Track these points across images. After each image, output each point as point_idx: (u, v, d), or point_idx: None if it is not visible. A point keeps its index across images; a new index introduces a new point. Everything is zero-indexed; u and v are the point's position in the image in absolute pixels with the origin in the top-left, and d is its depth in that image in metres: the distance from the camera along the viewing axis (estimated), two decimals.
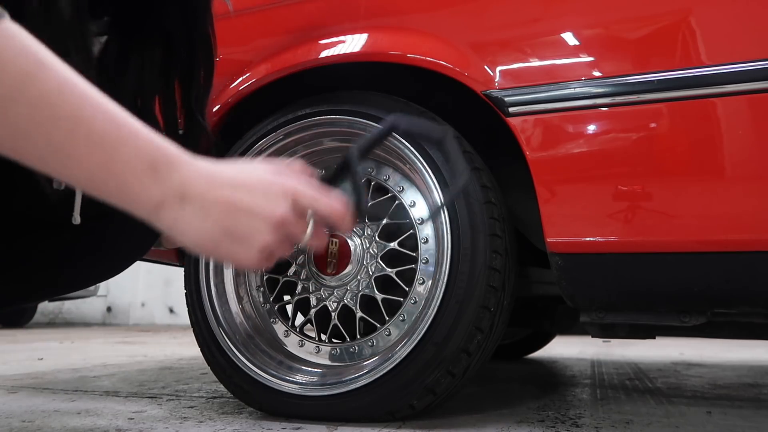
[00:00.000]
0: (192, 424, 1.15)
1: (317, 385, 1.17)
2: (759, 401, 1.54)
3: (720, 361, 2.64)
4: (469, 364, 1.11)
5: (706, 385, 1.82)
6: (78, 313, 7.16)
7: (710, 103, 0.96)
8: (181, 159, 0.50)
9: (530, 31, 1.09)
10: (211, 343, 1.27)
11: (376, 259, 1.23)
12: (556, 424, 1.16)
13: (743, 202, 0.95)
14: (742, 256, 0.96)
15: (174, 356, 2.70)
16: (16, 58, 0.44)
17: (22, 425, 1.16)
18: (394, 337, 1.19)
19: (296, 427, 1.11)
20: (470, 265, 1.09)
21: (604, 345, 3.46)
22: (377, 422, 1.12)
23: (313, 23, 1.28)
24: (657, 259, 1.01)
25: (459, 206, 1.11)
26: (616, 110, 1.02)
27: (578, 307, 1.17)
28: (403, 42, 1.18)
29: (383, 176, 1.26)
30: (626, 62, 1.02)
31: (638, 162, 1.00)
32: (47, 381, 1.80)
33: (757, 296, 1.02)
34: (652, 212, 0.99)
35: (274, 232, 0.52)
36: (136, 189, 0.48)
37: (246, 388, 1.22)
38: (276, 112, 1.30)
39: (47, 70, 0.46)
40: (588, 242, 1.03)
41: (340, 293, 1.25)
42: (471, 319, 1.08)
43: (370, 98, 1.23)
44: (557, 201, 1.05)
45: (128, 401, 1.42)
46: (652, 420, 1.24)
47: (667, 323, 1.13)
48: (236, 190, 0.51)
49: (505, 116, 1.08)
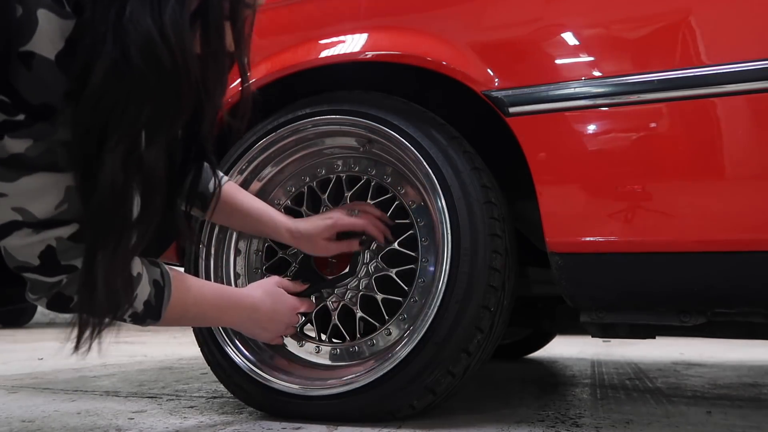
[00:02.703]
0: (192, 424, 1.15)
1: (317, 385, 1.17)
2: (759, 401, 1.54)
3: (720, 361, 2.64)
4: (469, 364, 1.11)
5: (706, 385, 1.82)
6: None
7: (710, 103, 0.96)
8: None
9: (530, 31, 1.09)
10: (210, 342, 1.27)
11: (376, 259, 1.23)
12: (556, 424, 1.16)
13: (743, 201, 0.95)
14: (742, 256, 0.96)
15: (174, 356, 2.70)
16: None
17: (22, 425, 1.16)
18: (394, 336, 1.19)
19: (296, 427, 1.11)
20: (470, 265, 1.09)
21: (604, 345, 3.46)
22: (377, 422, 1.12)
23: (313, 23, 1.28)
24: (657, 259, 1.01)
25: (459, 206, 1.11)
26: (616, 110, 1.02)
27: (578, 307, 1.17)
28: (403, 42, 1.18)
29: (383, 176, 1.26)
30: (626, 62, 1.02)
31: (638, 162, 1.00)
32: (47, 381, 1.80)
33: (757, 296, 1.02)
34: (651, 212, 0.99)
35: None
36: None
37: (246, 388, 1.22)
38: (276, 112, 1.30)
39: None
40: (588, 242, 1.03)
41: (340, 293, 1.25)
42: (471, 319, 1.08)
43: (371, 98, 1.23)
44: (557, 201, 1.05)
45: (128, 401, 1.42)
46: (652, 420, 1.24)
47: (667, 323, 1.13)
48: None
49: (505, 116, 1.08)
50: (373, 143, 1.25)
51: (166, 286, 0.91)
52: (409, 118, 1.19)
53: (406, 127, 1.17)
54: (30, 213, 0.73)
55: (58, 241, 0.75)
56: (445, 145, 1.15)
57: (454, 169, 1.13)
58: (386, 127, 1.19)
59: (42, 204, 0.73)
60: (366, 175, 1.28)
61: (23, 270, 0.77)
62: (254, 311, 1.10)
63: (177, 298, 0.92)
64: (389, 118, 1.19)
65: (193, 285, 0.98)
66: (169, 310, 0.91)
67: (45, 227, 0.74)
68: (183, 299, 0.94)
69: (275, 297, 1.14)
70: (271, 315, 1.13)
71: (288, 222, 1.20)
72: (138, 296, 0.86)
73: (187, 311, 0.97)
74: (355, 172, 1.30)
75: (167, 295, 0.90)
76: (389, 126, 1.19)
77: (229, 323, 1.14)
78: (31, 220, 0.73)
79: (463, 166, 1.14)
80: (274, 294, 1.14)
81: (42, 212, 0.73)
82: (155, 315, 0.90)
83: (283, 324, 1.16)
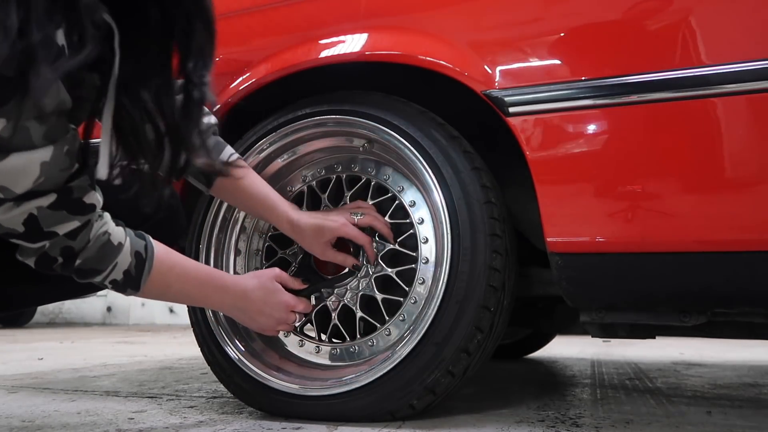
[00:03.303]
0: (192, 424, 1.15)
1: (317, 385, 1.17)
2: (759, 401, 1.54)
3: (720, 361, 2.64)
4: (469, 363, 1.11)
5: (706, 385, 1.82)
6: (78, 313, 7.16)
7: (710, 103, 0.96)
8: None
9: (530, 31, 1.09)
10: (211, 342, 1.27)
11: (376, 259, 1.23)
12: (556, 424, 1.16)
13: (743, 201, 0.95)
14: (742, 256, 0.96)
15: (174, 356, 2.70)
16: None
17: (22, 425, 1.16)
18: (394, 336, 1.19)
19: (296, 427, 1.11)
20: (470, 264, 1.09)
21: (604, 345, 3.46)
22: (377, 422, 1.12)
23: (313, 23, 1.28)
24: (657, 259, 1.01)
25: (459, 206, 1.11)
26: (617, 110, 1.02)
27: (578, 307, 1.17)
28: (403, 42, 1.18)
29: (383, 176, 1.26)
30: (626, 62, 1.02)
31: (638, 162, 1.00)
32: (47, 381, 1.80)
33: (757, 296, 1.02)
34: (651, 212, 0.99)
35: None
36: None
37: (246, 388, 1.22)
38: (276, 112, 1.30)
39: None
40: (588, 242, 1.03)
41: (340, 293, 1.25)
42: (471, 319, 1.08)
43: (370, 98, 1.23)
44: (557, 201, 1.05)
45: (128, 401, 1.42)
46: (652, 420, 1.24)
47: (667, 323, 1.13)
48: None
49: (505, 116, 1.08)
50: (373, 143, 1.25)
51: (148, 260, 0.95)
52: (409, 118, 1.19)
53: (406, 127, 1.18)
54: (10, 191, 0.77)
55: (39, 210, 0.80)
56: (445, 144, 1.15)
57: (454, 168, 1.13)
58: (386, 127, 1.19)
59: (21, 182, 0.76)
60: (366, 175, 1.28)
61: (10, 236, 0.83)
62: (242, 300, 1.10)
63: (159, 271, 0.96)
64: (389, 118, 1.19)
65: (179, 263, 1.01)
66: (150, 283, 0.95)
67: (25, 199, 0.78)
68: (165, 274, 0.98)
69: (269, 290, 1.13)
70: (260, 307, 1.12)
71: (291, 212, 1.18)
72: (118, 265, 0.91)
73: (170, 287, 1.00)
74: (355, 172, 1.30)
75: (147, 268, 0.94)
76: (389, 126, 1.19)
77: (215, 306, 1.17)
78: (10, 197, 0.77)
79: (463, 166, 1.14)
80: (269, 287, 1.13)
81: (21, 188, 0.77)
82: (134, 285, 0.94)
83: (274, 319, 1.14)
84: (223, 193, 1.18)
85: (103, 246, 0.89)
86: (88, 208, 0.86)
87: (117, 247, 0.91)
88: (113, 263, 0.91)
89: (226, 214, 1.33)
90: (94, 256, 0.89)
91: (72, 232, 0.85)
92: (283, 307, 1.14)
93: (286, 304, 1.14)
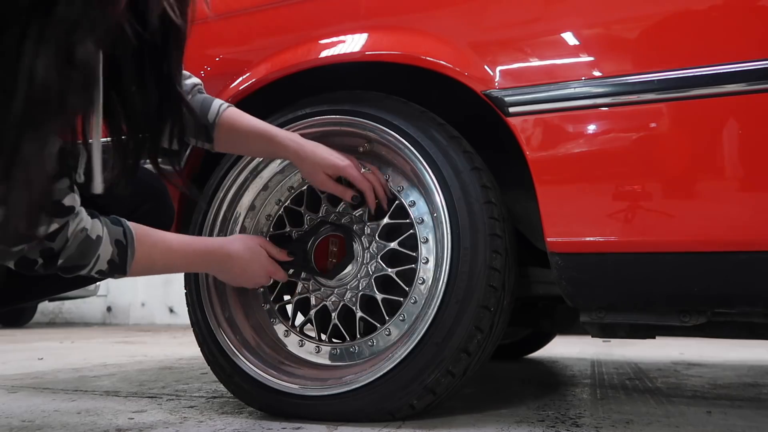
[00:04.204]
0: (192, 424, 1.15)
1: (317, 385, 1.17)
2: (759, 401, 1.54)
3: (720, 361, 2.64)
4: (469, 363, 1.11)
5: (706, 385, 1.82)
6: (78, 313, 7.17)
7: (710, 103, 0.96)
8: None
9: (530, 31, 1.10)
10: (211, 342, 1.27)
11: (376, 259, 1.23)
12: (556, 424, 1.16)
13: (743, 201, 0.95)
14: (742, 256, 0.96)
15: (174, 356, 2.70)
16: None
17: (22, 425, 1.16)
18: (394, 336, 1.19)
19: (296, 427, 1.11)
20: (470, 264, 1.09)
21: (604, 345, 3.46)
22: (377, 422, 1.12)
23: (313, 23, 1.28)
24: (657, 259, 1.01)
25: (459, 206, 1.11)
26: (616, 110, 1.02)
27: (578, 307, 1.17)
28: (403, 42, 1.18)
29: (383, 176, 1.26)
30: (626, 62, 1.02)
31: (638, 162, 1.00)
32: (47, 381, 1.80)
33: (757, 296, 1.02)
34: (651, 212, 0.99)
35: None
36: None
37: (246, 388, 1.22)
38: (276, 112, 1.31)
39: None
40: (588, 242, 1.03)
41: (340, 293, 1.25)
42: (471, 319, 1.08)
43: (370, 98, 1.23)
44: (557, 201, 1.05)
45: (128, 401, 1.42)
46: (652, 420, 1.24)
47: (667, 323, 1.13)
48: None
49: (505, 116, 1.08)
50: (373, 143, 1.25)
51: (129, 245, 0.97)
52: (409, 118, 1.19)
53: (406, 127, 1.18)
54: None
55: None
56: (445, 144, 1.15)
57: (454, 168, 1.13)
58: (386, 127, 1.19)
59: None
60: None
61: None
62: (226, 261, 1.16)
63: (142, 252, 0.99)
64: (389, 118, 1.19)
65: (160, 240, 1.04)
66: (135, 264, 0.99)
67: (2, 203, 0.75)
68: (149, 254, 1.01)
69: (254, 254, 1.19)
70: (244, 267, 1.18)
71: (295, 137, 1.19)
72: (101, 256, 0.94)
73: (155, 263, 1.03)
74: None
75: (131, 253, 0.98)
76: (389, 126, 1.19)
77: (200, 270, 1.25)
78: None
79: (463, 166, 1.14)
80: (254, 251, 1.19)
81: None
82: (121, 271, 0.98)
83: (252, 281, 1.21)
84: (225, 144, 1.17)
85: (83, 242, 0.91)
86: (67, 210, 0.86)
87: (96, 241, 0.92)
88: (95, 256, 0.93)
89: (227, 214, 1.33)
90: (75, 253, 0.90)
91: (50, 234, 0.86)
92: (264, 272, 1.21)
93: (267, 269, 1.21)
